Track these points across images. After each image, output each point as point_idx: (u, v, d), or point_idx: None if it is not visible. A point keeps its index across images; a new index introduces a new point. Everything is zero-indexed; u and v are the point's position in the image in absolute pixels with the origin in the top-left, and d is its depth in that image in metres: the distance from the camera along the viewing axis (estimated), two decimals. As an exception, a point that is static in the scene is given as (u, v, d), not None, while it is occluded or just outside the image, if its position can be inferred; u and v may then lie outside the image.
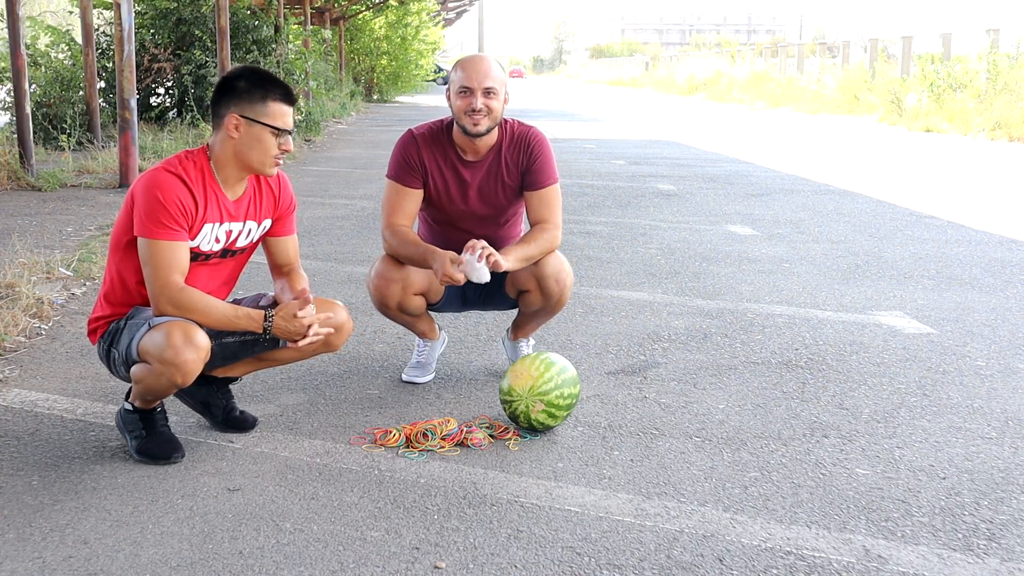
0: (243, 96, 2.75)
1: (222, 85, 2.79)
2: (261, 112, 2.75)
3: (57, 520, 2.46)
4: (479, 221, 3.42)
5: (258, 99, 2.75)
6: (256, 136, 2.76)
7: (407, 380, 3.56)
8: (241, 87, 2.76)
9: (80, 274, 5.08)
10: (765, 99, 27.01)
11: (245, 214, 2.88)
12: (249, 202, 2.89)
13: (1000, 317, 4.56)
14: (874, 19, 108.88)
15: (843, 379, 3.66)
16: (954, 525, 2.49)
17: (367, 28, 31.09)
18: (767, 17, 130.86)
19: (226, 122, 2.75)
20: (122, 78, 8.22)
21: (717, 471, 2.82)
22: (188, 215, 2.71)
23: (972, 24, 58.36)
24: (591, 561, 2.29)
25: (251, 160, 2.79)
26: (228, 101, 2.76)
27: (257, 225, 2.93)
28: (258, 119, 2.75)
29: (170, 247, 2.67)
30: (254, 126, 2.75)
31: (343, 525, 2.45)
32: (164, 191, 2.67)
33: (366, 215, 7.53)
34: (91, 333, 2.92)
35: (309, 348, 2.94)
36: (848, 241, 6.53)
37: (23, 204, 7.34)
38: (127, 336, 2.77)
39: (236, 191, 2.85)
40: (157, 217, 2.66)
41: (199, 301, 2.71)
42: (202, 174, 2.77)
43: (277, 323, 2.78)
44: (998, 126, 15.50)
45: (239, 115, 2.74)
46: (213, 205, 2.78)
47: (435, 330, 3.62)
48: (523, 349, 3.67)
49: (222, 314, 2.74)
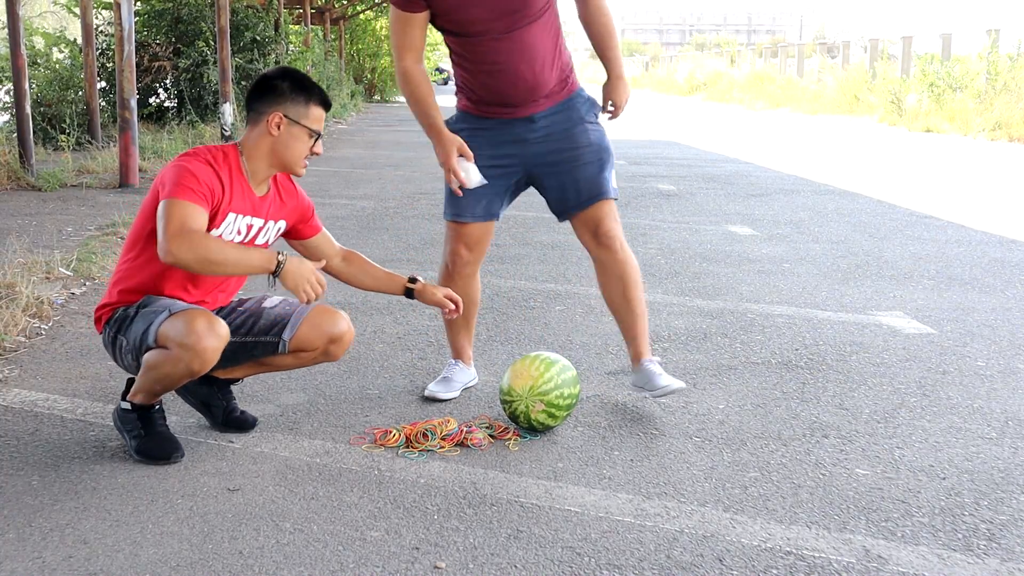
0: (287, 97, 2.84)
1: (262, 84, 2.87)
2: (303, 115, 2.85)
3: (57, 520, 2.46)
4: (509, 18, 3.00)
5: (302, 102, 2.85)
6: (295, 136, 2.85)
7: (428, 395, 3.37)
8: (284, 88, 2.85)
9: (80, 274, 5.08)
10: (765, 99, 27.00)
11: (267, 213, 2.92)
12: (271, 203, 2.94)
13: (1000, 317, 4.56)
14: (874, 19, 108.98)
15: (843, 379, 3.66)
16: (954, 525, 2.49)
17: (369, 28, 31.10)
18: (767, 17, 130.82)
19: (268, 119, 2.83)
20: (122, 78, 8.22)
21: (717, 471, 2.82)
22: (214, 195, 2.74)
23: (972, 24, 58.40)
24: (591, 561, 2.29)
25: (286, 158, 2.87)
26: (271, 100, 2.84)
27: (274, 224, 2.97)
28: (300, 120, 2.84)
29: (190, 206, 2.66)
30: (295, 127, 2.84)
31: (343, 525, 2.45)
32: (194, 167, 2.73)
33: (366, 215, 7.53)
34: (97, 321, 2.92)
35: (309, 356, 2.99)
36: (848, 241, 6.53)
37: (23, 204, 7.34)
38: (142, 323, 2.76)
39: (261, 188, 2.91)
40: (183, 183, 2.69)
41: (211, 239, 2.67)
42: (231, 164, 2.83)
43: (289, 265, 2.71)
44: (998, 126, 15.49)
45: (283, 115, 2.83)
46: (239, 195, 2.83)
47: (470, 356, 3.52)
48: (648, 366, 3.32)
49: (234, 249, 2.70)
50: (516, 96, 3.13)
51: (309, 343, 2.95)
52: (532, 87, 3.11)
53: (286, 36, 15.80)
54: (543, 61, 3.10)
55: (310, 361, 3.03)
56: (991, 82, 17.09)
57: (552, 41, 3.13)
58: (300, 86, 2.86)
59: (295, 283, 2.71)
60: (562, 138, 3.19)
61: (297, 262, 2.73)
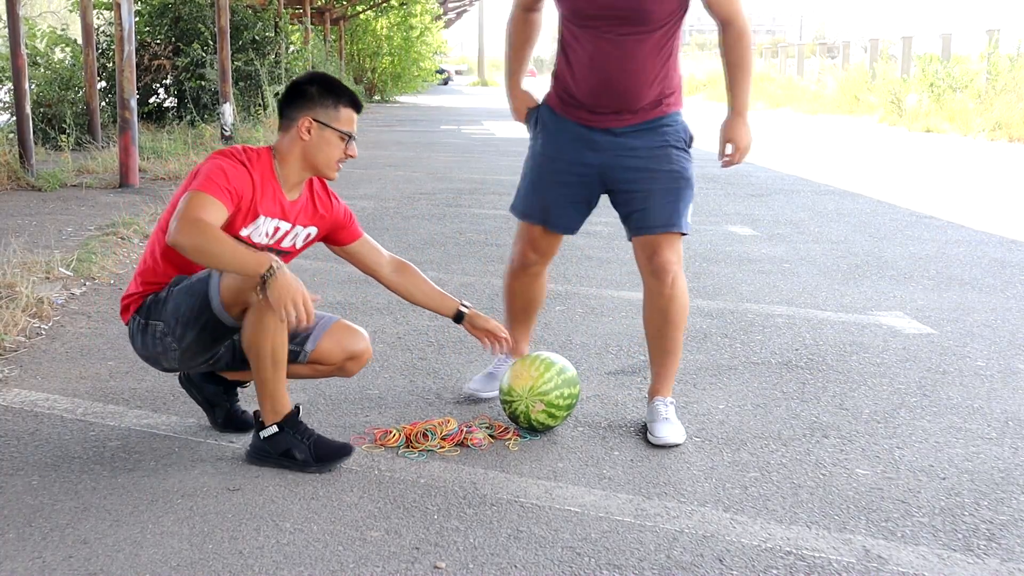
0: (316, 101, 2.83)
1: (293, 90, 2.87)
2: (333, 117, 2.84)
3: (57, 520, 2.46)
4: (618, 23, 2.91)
5: (331, 105, 2.84)
6: (326, 140, 2.83)
7: (470, 391, 3.36)
8: (314, 92, 2.84)
9: (80, 274, 5.08)
10: (765, 99, 27.00)
11: (296, 217, 2.91)
12: (302, 208, 2.92)
13: (1000, 317, 4.56)
14: (874, 19, 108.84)
15: (843, 379, 3.66)
16: (954, 525, 2.49)
17: (370, 28, 31.09)
18: (767, 17, 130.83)
19: (299, 124, 2.82)
20: (122, 78, 8.22)
21: (717, 471, 2.82)
22: (242, 196, 2.73)
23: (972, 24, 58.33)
24: (591, 561, 2.29)
25: (318, 162, 2.85)
26: (301, 105, 2.84)
27: (303, 229, 2.95)
28: (330, 123, 2.83)
29: (210, 199, 2.63)
30: (325, 130, 2.82)
31: (343, 525, 2.45)
32: (228, 166, 2.73)
33: (367, 215, 7.52)
34: (124, 311, 2.90)
35: (325, 370, 2.99)
36: (848, 241, 6.53)
37: (23, 204, 7.33)
38: (185, 297, 2.73)
39: (293, 193, 2.89)
40: (212, 178, 2.67)
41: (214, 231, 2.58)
42: (264, 167, 2.83)
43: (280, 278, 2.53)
44: (998, 126, 15.49)
45: (313, 119, 2.82)
46: (270, 198, 2.82)
47: (522, 353, 3.40)
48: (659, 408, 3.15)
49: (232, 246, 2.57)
50: (602, 101, 3.00)
51: (328, 357, 2.93)
52: (622, 96, 2.98)
53: (286, 36, 15.78)
54: (642, 75, 2.96)
55: (325, 374, 3.02)
56: (991, 82, 17.10)
57: (660, 59, 2.97)
58: (329, 89, 2.85)
59: (278, 298, 2.52)
60: (642, 158, 3.03)
61: (290, 279, 2.54)
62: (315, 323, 2.91)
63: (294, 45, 17.44)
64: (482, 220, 7.37)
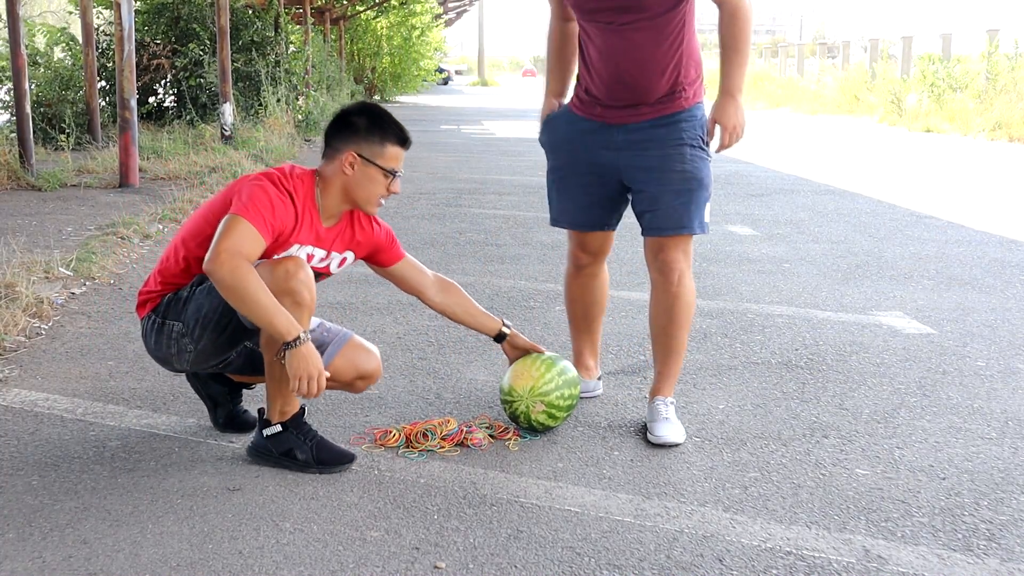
0: (362, 135, 2.77)
1: (340, 120, 2.81)
2: (378, 154, 2.78)
3: (57, 520, 2.46)
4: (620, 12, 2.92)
5: (376, 141, 2.77)
6: (369, 176, 2.78)
7: None
8: (360, 125, 2.78)
9: (80, 274, 5.08)
10: (765, 99, 27.01)
11: (332, 244, 2.87)
12: (338, 235, 2.88)
13: (1000, 317, 4.56)
14: (874, 19, 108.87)
15: (843, 379, 3.66)
16: (954, 525, 2.49)
17: (370, 28, 31.09)
18: (767, 17, 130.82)
19: (343, 158, 2.77)
20: (122, 78, 8.21)
21: (717, 471, 2.82)
22: (282, 232, 2.69)
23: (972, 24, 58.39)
24: (591, 561, 2.29)
25: (358, 197, 2.81)
26: (347, 137, 2.78)
27: (338, 255, 2.92)
28: (374, 160, 2.77)
29: (253, 232, 2.60)
30: (369, 167, 2.77)
31: (343, 525, 2.45)
32: (275, 196, 2.67)
33: (366, 215, 7.53)
34: (140, 306, 2.86)
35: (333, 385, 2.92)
36: (848, 241, 6.53)
37: (23, 204, 7.33)
38: (209, 298, 2.70)
39: (331, 220, 2.85)
40: (259, 206, 2.62)
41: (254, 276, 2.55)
42: (305, 195, 2.77)
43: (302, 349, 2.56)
44: (998, 126, 15.50)
45: (356, 153, 2.76)
46: (307, 226, 2.77)
47: (588, 366, 3.41)
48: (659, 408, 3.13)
49: (269, 300, 2.54)
50: (617, 94, 3.00)
51: (340, 375, 2.89)
52: (634, 87, 2.97)
53: (286, 36, 15.77)
54: (651, 64, 2.94)
55: (332, 388, 3.00)
56: (991, 82, 17.10)
57: (670, 48, 2.94)
58: (376, 123, 2.78)
59: (296, 369, 2.55)
60: (655, 156, 3.00)
61: (312, 354, 2.56)
62: (328, 340, 2.90)
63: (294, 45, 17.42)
64: (482, 220, 7.37)
